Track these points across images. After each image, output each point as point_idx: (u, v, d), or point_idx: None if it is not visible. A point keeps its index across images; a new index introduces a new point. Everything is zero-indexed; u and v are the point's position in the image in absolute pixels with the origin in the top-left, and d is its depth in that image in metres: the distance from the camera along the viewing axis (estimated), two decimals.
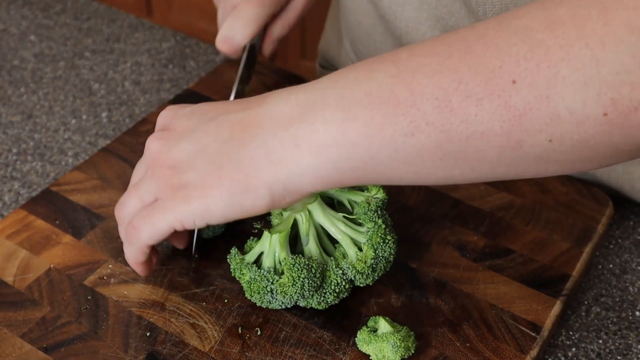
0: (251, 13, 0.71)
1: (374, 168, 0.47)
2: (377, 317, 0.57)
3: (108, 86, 0.91)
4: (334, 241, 0.60)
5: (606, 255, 0.68)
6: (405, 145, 0.45)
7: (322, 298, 0.57)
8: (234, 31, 0.71)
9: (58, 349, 0.57)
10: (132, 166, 0.72)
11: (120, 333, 0.58)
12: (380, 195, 0.58)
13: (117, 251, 0.64)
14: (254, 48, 0.73)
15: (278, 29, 0.76)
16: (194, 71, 0.94)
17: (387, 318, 0.57)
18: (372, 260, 0.57)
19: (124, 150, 0.74)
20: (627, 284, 0.65)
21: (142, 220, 0.54)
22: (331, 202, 0.61)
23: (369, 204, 0.57)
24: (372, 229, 0.57)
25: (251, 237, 0.61)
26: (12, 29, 1.02)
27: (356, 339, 0.57)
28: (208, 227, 0.60)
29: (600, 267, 0.67)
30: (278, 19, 0.75)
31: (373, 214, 0.57)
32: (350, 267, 0.57)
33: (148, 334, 0.58)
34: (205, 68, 0.94)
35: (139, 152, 0.74)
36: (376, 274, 0.58)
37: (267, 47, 0.76)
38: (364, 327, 0.57)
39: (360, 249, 0.58)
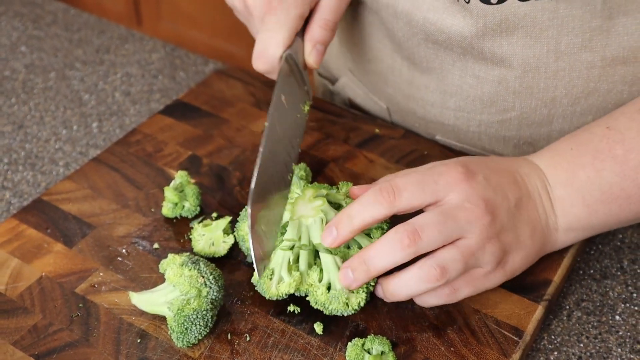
0: (277, 20, 0.66)
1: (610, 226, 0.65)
2: (381, 340, 0.57)
3: (98, 97, 0.92)
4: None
5: (587, 260, 0.70)
6: (638, 216, 0.63)
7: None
8: (265, 44, 0.65)
9: (50, 356, 0.58)
10: (123, 176, 0.73)
11: (111, 340, 0.59)
12: None
13: (108, 259, 0.65)
14: (292, 58, 0.66)
15: (316, 32, 0.68)
16: (184, 82, 0.95)
17: (388, 344, 0.57)
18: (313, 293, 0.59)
19: (115, 160, 0.75)
20: (608, 289, 0.67)
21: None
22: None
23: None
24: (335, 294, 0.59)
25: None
26: (3, 39, 1.03)
27: (349, 344, 0.57)
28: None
29: (581, 272, 0.69)
30: (313, 20, 0.68)
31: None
32: (293, 281, 0.59)
33: (139, 341, 0.59)
34: (194, 79, 0.95)
35: (129, 162, 0.75)
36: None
37: (310, 55, 0.69)
38: (359, 340, 0.57)
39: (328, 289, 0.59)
